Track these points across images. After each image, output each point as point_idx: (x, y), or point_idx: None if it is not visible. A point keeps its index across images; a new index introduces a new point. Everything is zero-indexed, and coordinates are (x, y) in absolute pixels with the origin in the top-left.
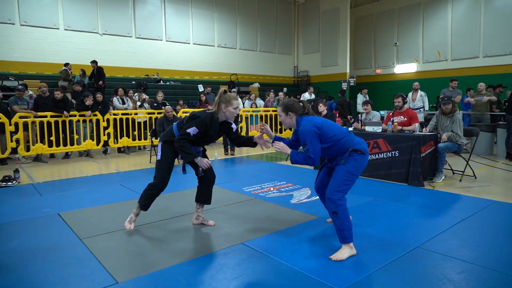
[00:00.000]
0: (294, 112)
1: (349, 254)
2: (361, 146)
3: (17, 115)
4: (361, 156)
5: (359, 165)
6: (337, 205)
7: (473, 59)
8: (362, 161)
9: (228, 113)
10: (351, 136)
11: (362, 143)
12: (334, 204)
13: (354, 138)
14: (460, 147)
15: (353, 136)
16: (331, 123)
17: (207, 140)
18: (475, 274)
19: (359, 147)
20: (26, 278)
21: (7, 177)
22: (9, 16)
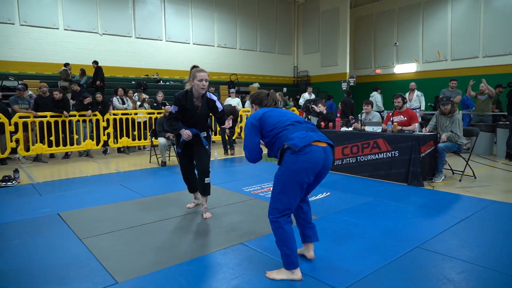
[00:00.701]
0: (257, 105)
1: (287, 278)
2: (293, 142)
3: (16, 115)
4: (291, 156)
5: (289, 170)
6: (273, 227)
7: (473, 59)
8: (293, 163)
9: (195, 85)
10: (292, 129)
11: (297, 138)
12: (272, 225)
13: (292, 132)
14: (460, 147)
15: (293, 130)
16: (279, 114)
17: (190, 115)
18: (475, 274)
19: (290, 143)
20: (26, 278)
21: (7, 177)
22: (9, 16)
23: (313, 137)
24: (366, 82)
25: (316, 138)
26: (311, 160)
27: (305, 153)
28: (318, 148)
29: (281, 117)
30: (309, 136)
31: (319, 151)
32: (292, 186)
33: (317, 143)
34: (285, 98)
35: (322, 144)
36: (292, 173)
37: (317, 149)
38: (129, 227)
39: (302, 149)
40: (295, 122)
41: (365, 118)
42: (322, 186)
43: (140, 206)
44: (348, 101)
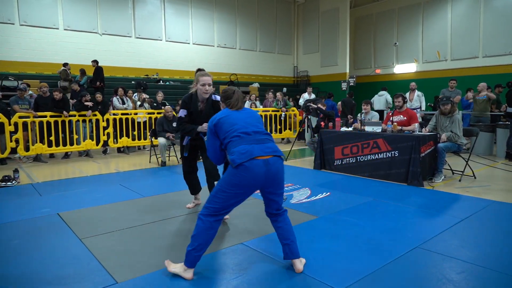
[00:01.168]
0: (223, 103)
1: (178, 272)
2: (232, 157)
3: (16, 115)
4: (231, 170)
5: (228, 180)
6: (198, 222)
7: (473, 59)
8: (232, 176)
9: (199, 90)
10: (236, 142)
11: (236, 153)
12: (197, 220)
13: (236, 145)
14: (460, 147)
15: (237, 143)
16: (232, 122)
17: (194, 118)
18: (475, 274)
19: (230, 157)
20: (26, 278)
21: (6, 177)
22: (9, 16)
23: (253, 153)
24: (366, 82)
25: (256, 154)
26: (248, 177)
27: (242, 170)
28: (257, 163)
29: (232, 125)
30: (249, 152)
31: (258, 166)
32: (227, 195)
33: (259, 157)
34: (285, 98)
35: (264, 157)
36: (229, 185)
37: (257, 164)
38: (129, 227)
39: (239, 166)
40: (242, 134)
41: (364, 118)
42: (322, 186)
43: (140, 206)
44: (348, 101)
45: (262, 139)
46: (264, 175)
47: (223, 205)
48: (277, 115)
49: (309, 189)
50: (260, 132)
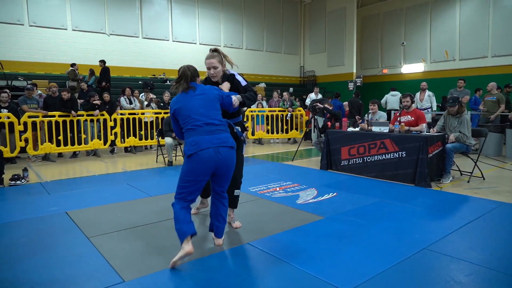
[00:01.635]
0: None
1: (182, 255)
2: (184, 147)
3: (26, 114)
4: (185, 159)
5: (184, 169)
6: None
7: (482, 58)
8: (185, 164)
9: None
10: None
11: (187, 144)
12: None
13: (188, 136)
14: (468, 147)
15: (190, 135)
16: (185, 114)
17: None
18: (484, 277)
19: (184, 148)
20: (34, 275)
21: (16, 175)
22: (18, 17)
23: (201, 146)
24: (373, 82)
25: (204, 146)
26: (198, 164)
27: (193, 159)
28: (207, 151)
29: (186, 117)
30: (197, 144)
31: (208, 153)
32: (184, 181)
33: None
34: (291, 98)
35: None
36: (184, 172)
37: (206, 152)
38: (136, 226)
39: (190, 156)
40: (194, 126)
41: (371, 118)
42: (328, 186)
43: (146, 205)
44: (355, 101)
45: (213, 131)
46: (214, 163)
47: (187, 190)
48: (284, 115)
49: (316, 189)
50: (211, 123)
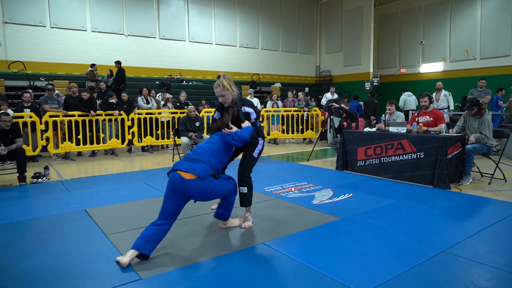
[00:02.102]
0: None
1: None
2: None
3: (47, 114)
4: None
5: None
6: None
7: (504, 57)
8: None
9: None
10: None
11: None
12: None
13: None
14: (490, 149)
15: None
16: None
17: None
18: (505, 281)
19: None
20: (53, 270)
21: (37, 173)
22: (41, 19)
23: (175, 166)
24: (390, 82)
25: (175, 167)
26: (168, 185)
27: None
28: (175, 175)
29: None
30: (175, 165)
31: (175, 178)
32: (165, 200)
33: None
34: (307, 98)
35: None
36: (166, 190)
37: (174, 176)
38: None
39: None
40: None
41: (388, 118)
42: (344, 187)
43: None
44: (370, 101)
45: (192, 159)
46: (181, 189)
47: (166, 210)
48: (299, 115)
49: (331, 190)
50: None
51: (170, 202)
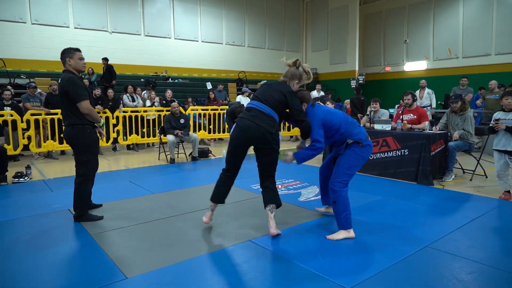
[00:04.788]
0: (306, 102)
1: (345, 236)
2: (358, 137)
3: (28, 112)
4: (360, 148)
5: (359, 157)
6: (337, 195)
7: (485, 56)
8: (362, 153)
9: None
10: (351, 126)
11: (360, 133)
12: (334, 194)
13: (354, 128)
14: (471, 146)
15: (353, 127)
16: (334, 112)
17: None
18: (486, 275)
19: (356, 138)
20: (38, 271)
21: (19, 173)
22: (21, 15)
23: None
24: (375, 79)
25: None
26: (370, 152)
27: (368, 147)
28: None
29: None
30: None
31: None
32: (355, 168)
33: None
34: None
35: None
36: (360, 159)
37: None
38: (138, 223)
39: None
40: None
41: (373, 116)
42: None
43: (149, 203)
44: (356, 98)
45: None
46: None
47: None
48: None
49: (318, 187)
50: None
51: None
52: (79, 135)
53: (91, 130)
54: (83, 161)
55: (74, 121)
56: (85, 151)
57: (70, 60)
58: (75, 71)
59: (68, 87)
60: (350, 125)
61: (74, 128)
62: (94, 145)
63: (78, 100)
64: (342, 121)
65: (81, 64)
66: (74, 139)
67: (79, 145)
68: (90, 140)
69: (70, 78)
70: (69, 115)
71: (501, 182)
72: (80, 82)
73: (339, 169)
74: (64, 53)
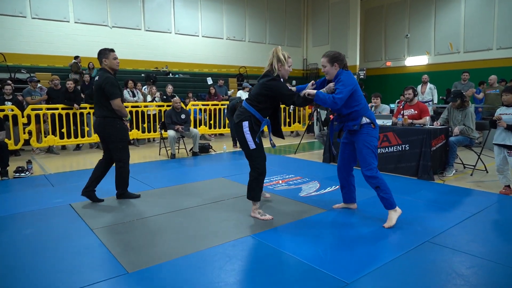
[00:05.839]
0: (339, 64)
1: (397, 216)
2: (372, 117)
3: (29, 107)
4: (373, 130)
5: (374, 138)
6: (376, 180)
7: (487, 51)
8: (374, 134)
9: (283, 71)
10: (366, 107)
11: (372, 115)
12: (373, 180)
13: (367, 109)
14: (472, 141)
15: (367, 107)
16: (359, 88)
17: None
18: (485, 269)
19: (372, 118)
20: (39, 265)
21: (20, 168)
22: (21, 9)
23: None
24: (376, 74)
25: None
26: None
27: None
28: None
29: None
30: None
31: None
32: (374, 149)
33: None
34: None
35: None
36: (374, 140)
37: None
38: (139, 218)
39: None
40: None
41: (374, 111)
42: (331, 179)
43: (149, 198)
44: None
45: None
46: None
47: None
48: (286, 108)
49: (318, 182)
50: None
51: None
52: (110, 127)
53: (120, 123)
54: (119, 148)
55: (106, 114)
56: (119, 139)
57: (106, 60)
58: (110, 70)
59: (105, 85)
60: (366, 105)
61: (105, 120)
62: (125, 134)
63: (112, 98)
64: (361, 97)
65: (115, 63)
66: (106, 130)
67: (113, 135)
68: (121, 131)
69: (107, 78)
70: (102, 109)
71: (501, 177)
72: (116, 82)
73: (365, 156)
74: (100, 54)
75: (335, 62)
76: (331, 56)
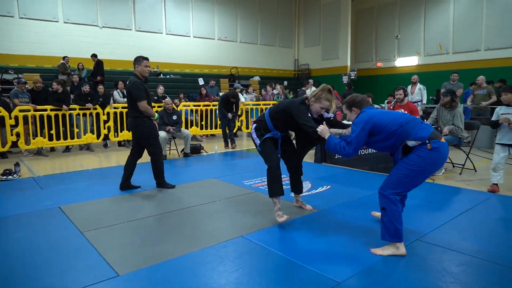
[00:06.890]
0: (357, 107)
1: (392, 253)
2: (418, 135)
3: (16, 108)
4: (424, 151)
5: (422, 161)
6: (386, 201)
7: (475, 52)
8: (427, 157)
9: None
10: (410, 125)
11: (420, 131)
12: (384, 199)
13: (412, 128)
14: (461, 140)
15: (412, 126)
16: (387, 113)
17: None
18: (475, 267)
19: (416, 137)
20: (28, 269)
21: (7, 170)
22: (8, 8)
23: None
24: (367, 75)
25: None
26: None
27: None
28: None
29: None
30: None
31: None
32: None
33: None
34: (285, 91)
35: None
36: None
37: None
38: (130, 220)
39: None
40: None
41: None
42: (322, 179)
43: (140, 200)
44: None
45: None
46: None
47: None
48: None
49: (310, 182)
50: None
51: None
52: (141, 125)
53: (149, 121)
54: (151, 143)
55: (135, 114)
56: (150, 136)
57: (138, 66)
58: (140, 75)
59: (132, 89)
60: (410, 123)
61: (136, 120)
62: (155, 131)
63: (138, 100)
64: (398, 119)
65: (146, 70)
66: (138, 129)
67: (144, 133)
68: (150, 128)
69: (134, 82)
70: (133, 110)
71: (495, 175)
72: (142, 86)
73: (396, 174)
74: (136, 60)
75: (352, 107)
76: (347, 102)
